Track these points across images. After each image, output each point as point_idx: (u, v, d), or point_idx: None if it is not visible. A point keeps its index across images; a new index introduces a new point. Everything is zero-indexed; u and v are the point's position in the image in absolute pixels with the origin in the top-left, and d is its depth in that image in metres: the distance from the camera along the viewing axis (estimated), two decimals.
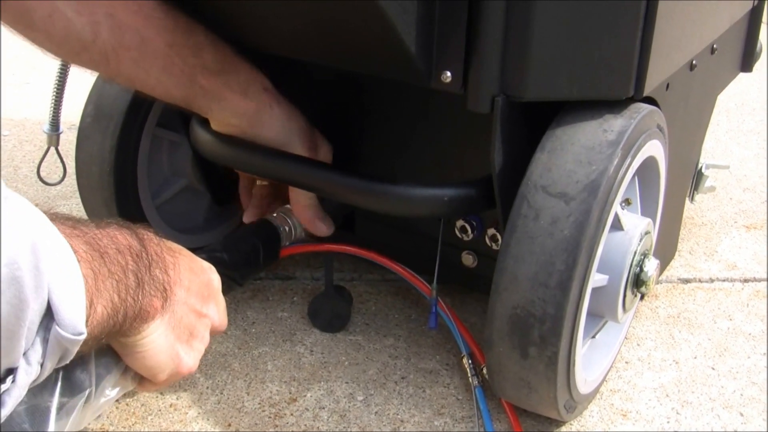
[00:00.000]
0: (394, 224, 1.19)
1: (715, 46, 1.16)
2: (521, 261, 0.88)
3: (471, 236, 1.10)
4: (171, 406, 1.03)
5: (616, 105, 0.93)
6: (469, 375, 1.05)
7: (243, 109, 1.01)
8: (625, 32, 0.89)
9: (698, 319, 1.23)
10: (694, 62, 1.10)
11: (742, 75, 1.37)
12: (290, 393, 1.06)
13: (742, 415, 1.04)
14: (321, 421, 1.02)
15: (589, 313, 0.94)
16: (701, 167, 1.33)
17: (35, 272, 0.57)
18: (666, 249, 1.29)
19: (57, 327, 0.59)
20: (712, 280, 1.33)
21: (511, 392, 0.96)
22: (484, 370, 1.04)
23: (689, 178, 1.31)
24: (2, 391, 0.59)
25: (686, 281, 1.32)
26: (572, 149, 0.90)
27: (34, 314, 0.58)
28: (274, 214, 1.11)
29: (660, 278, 1.30)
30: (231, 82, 1.00)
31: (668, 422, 1.03)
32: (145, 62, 0.95)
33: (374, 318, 1.20)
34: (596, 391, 1.05)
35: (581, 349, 0.95)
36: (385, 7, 0.82)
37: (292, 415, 1.02)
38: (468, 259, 1.13)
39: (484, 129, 0.92)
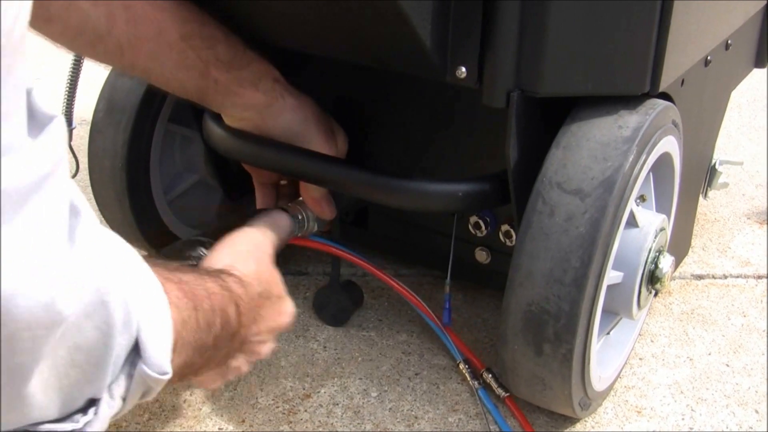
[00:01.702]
0: (407, 220, 1.18)
1: (729, 41, 1.16)
2: (536, 258, 0.87)
3: (484, 232, 1.10)
4: (185, 402, 1.03)
5: (631, 101, 0.93)
6: (469, 379, 1.05)
7: (255, 101, 1.01)
8: (640, 28, 0.88)
9: (712, 315, 1.22)
10: (708, 58, 1.09)
11: (753, 70, 1.36)
12: (304, 389, 1.06)
13: (757, 412, 1.04)
14: (335, 417, 1.01)
15: (604, 310, 0.93)
16: (715, 163, 1.32)
17: (125, 305, 0.57)
18: (679, 245, 1.29)
19: (143, 365, 0.59)
20: (725, 277, 1.32)
21: (526, 389, 0.96)
22: (484, 374, 1.04)
23: (703, 174, 1.31)
24: (83, 423, 0.58)
25: (700, 277, 1.32)
26: (587, 145, 0.89)
27: (120, 347, 0.57)
28: (289, 204, 1.10)
29: (673, 274, 1.30)
30: (243, 75, 1.00)
31: (683, 419, 1.03)
32: (160, 54, 0.95)
33: (387, 314, 1.20)
34: (610, 387, 1.05)
35: (596, 345, 0.95)
36: (402, 2, 0.82)
37: (305, 411, 1.02)
38: (481, 255, 1.13)
39: (499, 124, 0.92)
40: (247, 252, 0.89)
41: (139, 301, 0.59)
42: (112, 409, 0.60)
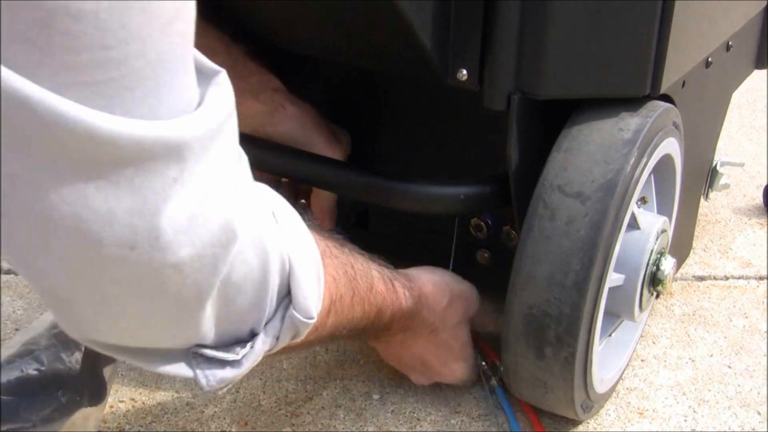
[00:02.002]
0: (409, 221, 1.18)
1: (730, 43, 1.16)
2: (537, 261, 0.87)
3: (485, 234, 1.10)
4: (187, 404, 1.03)
5: (632, 103, 0.93)
6: (484, 380, 1.05)
7: (255, 111, 1.02)
8: (641, 30, 0.88)
9: (714, 316, 1.22)
10: (709, 59, 1.09)
11: (754, 71, 1.36)
12: (306, 391, 1.06)
13: (759, 413, 1.04)
14: (338, 420, 1.02)
15: (605, 312, 0.93)
16: (716, 164, 1.32)
17: (279, 243, 0.64)
18: (681, 247, 1.29)
19: (293, 308, 0.66)
20: (727, 278, 1.32)
21: (528, 392, 0.96)
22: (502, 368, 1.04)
23: (704, 175, 1.31)
24: (242, 356, 0.65)
25: (701, 279, 1.32)
26: (588, 148, 0.89)
27: (274, 288, 0.64)
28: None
29: (675, 276, 1.30)
30: (243, 86, 1.00)
31: (685, 421, 1.03)
32: None
33: None
34: (612, 389, 1.05)
35: (598, 348, 0.95)
36: (402, 4, 0.82)
37: (308, 413, 1.02)
38: (483, 257, 1.13)
39: (499, 127, 0.92)
40: (447, 286, 1.00)
41: (294, 246, 0.66)
42: (266, 346, 0.67)
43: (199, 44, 0.95)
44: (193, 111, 0.53)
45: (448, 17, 0.87)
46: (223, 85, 0.56)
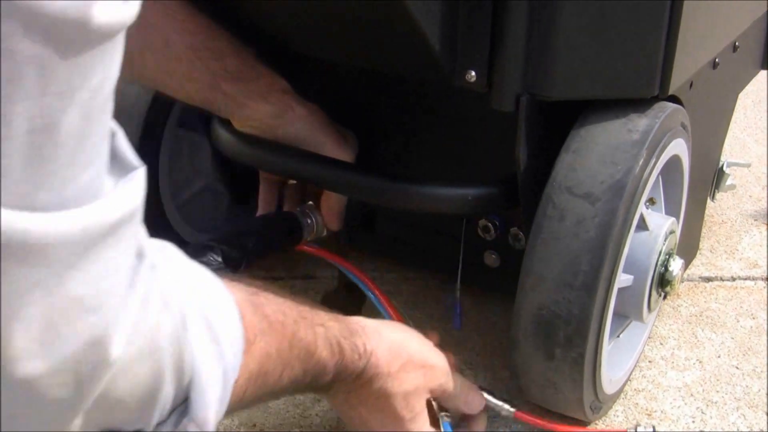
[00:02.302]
0: (416, 223, 1.18)
1: (737, 43, 1.16)
2: (546, 262, 0.87)
3: (493, 235, 1.10)
4: None
5: (640, 104, 0.93)
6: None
7: (264, 112, 1.02)
8: (650, 31, 0.89)
9: (721, 317, 1.22)
10: (717, 60, 1.09)
11: (761, 71, 1.36)
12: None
13: (767, 414, 1.04)
14: None
15: (614, 314, 0.93)
16: (722, 165, 1.32)
17: (179, 352, 0.57)
18: (688, 248, 1.29)
19: (188, 421, 0.60)
20: (733, 279, 1.32)
21: (537, 393, 0.96)
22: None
23: (711, 176, 1.31)
24: None
25: (708, 280, 1.32)
26: (597, 149, 0.89)
27: (167, 398, 0.58)
28: (298, 208, 1.11)
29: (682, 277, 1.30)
30: (252, 87, 1.00)
31: (693, 422, 1.03)
32: (169, 65, 0.96)
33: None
34: (621, 390, 1.05)
35: (606, 349, 0.95)
36: (410, 5, 0.82)
37: (317, 415, 1.02)
38: (490, 259, 1.13)
39: (508, 128, 0.92)
40: (402, 347, 0.86)
41: (200, 351, 0.59)
42: None
43: (209, 47, 0.96)
44: (84, 205, 0.45)
45: (456, 19, 0.87)
46: (135, 182, 0.49)
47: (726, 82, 1.19)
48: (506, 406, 0.95)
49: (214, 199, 1.26)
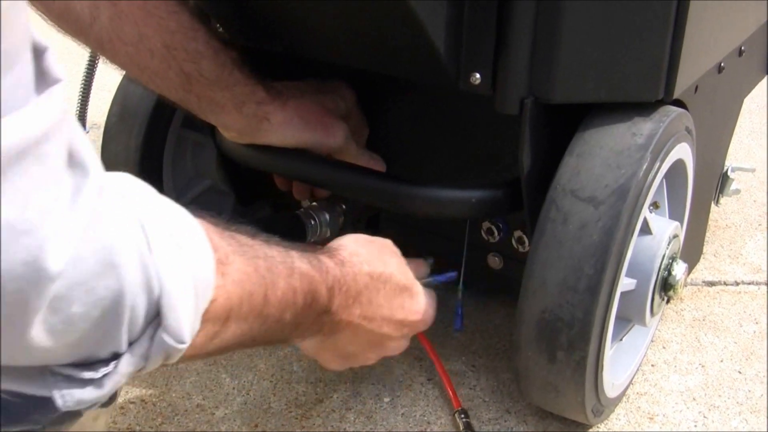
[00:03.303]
0: (420, 226, 1.18)
1: (743, 48, 1.16)
2: (550, 265, 0.87)
3: (497, 238, 1.10)
4: (198, 406, 1.04)
5: (645, 108, 0.93)
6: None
7: (238, 123, 1.00)
8: (655, 35, 0.88)
9: (724, 322, 1.22)
10: (722, 65, 1.09)
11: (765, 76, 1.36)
12: (316, 394, 1.06)
13: None
14: (347, 423, 1.02)
15: (616, 317, 0.93)
16: (727, 170, 1.32)
17: (143, 268, 0.57)
18: (691, 252, 1.29)
19: (162, 332, 0.60)
20: (737, 283, 1.32)
21: (539, 396, 0.96)
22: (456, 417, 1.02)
23: (715, 180, 1.31)
24: (102, 374, 0.59)
25: (711, 284, 1.32)
26: (601, 153, 0.89)
27: (138, 309, 0.58)
28: (302, 209, 1.11)
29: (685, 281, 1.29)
30: (226, 95, 0.97)
31: (695, 426, 1.03)
32: (141, 59, 0.93)
33: None
34: (623, 394, 1.05)
35: (609, 352, 0.95)
36: (415, 8, 0.82)
37: (318, 416, 1.02)
38: (494, 261, 1.13)
39: (512, 131, 0.92)
40: (371, 240, 0.89)
41: (168, 265, 0.59)
42: (132, 367, 0.61)
43: (186, 48, 0.94)
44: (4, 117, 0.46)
45: (461, 21, 0.87)
46: (53, 95, 0.49)
47: (731, 86, 1.19)
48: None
49: (218, 200, 1.26)
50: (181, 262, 0.60)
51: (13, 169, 0.46)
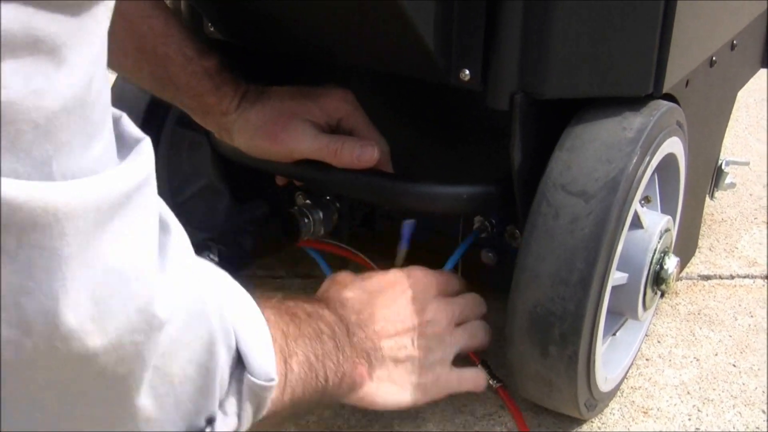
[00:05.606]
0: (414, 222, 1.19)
1: (735, 42, 1.16)
2: (541, 259, 0.88)
3: (490, 234, 1.10)
4: None
5: (635, 102, 0.93)
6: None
7: (209, 128, 1.03)
8: (644, 29, 0.89)
9: (719, 316, 1.22)
10: (714, 58, 1.09)
11: (762, 70, 1.36)
12: None
13: (764, 412, 1.04)
14: (341, 419, 1.02)
15: (609, 311, 0.94)
16: (721, 164, 1.32)
17: (221, 315, 0.58)
18: (686, 246, 1.29)
19: (249, 375, 0.61)
20: (732, 277, 1.32)
21: (532, 391, 0.96)
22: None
23: (709, 174, 1.31)
24: None
25: (706, 278, 1.32)
26: (592, 147, 0.89)
27: (223, 359, 0.59)
28: (296, 207, 1.11)
29: (680, 275, 1.30)
30: (194, 103, 0.98)
31: (690, 420, 1.03)
32: (117, 58, 0.93)
33: None
34: (617, 388, 1.05)
35: (602, 347, 0.95)
36: (404, 5, 0.82)
37: (313, 413, 1.03)
38: (487, 257, 1.13)
39: (503, 126, 0.92)
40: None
41: (235, 312, 0.61)
42: (228, 427, 0.61)
43: (158, 53, 0.94)
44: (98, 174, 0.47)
45: (451, 17, 0.87)
46: (141, 152, 0.51)
47: (724, 80, 1.19)
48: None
49: (214, 198, 1.27)
50: (246, 309, 0.64)
51: (116, 217, 0.48)
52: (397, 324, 0.89)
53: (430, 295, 0.94)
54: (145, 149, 0.51)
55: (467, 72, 0.89)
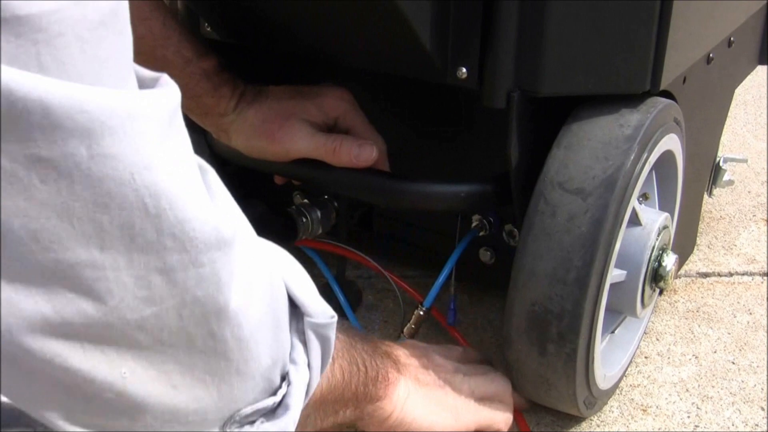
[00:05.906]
0: (411, 221, 1.19)
1: (732, 38, 1.16)
2: (539, 258, 0.88)
3: (488, 232, 1.10)
4: None
5: (632, 99, 0.93)
6: None
7: (208, 129, 1.03)
8: (640, 25, 0.89)
9: (718, 313, 1.22)
10: (711, 55, 1.09)
11: (759, 67, 1.36)
12: None
13: (763, 409, 1.04)
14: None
15: (607, 309, 0.94)
16: (719, 161, 1.32)
17: (269, 255, 0.62)
18: (685, 243, 1.29)
19: (309, 318, 0.63)
20: (731, 274, 1.32)
21: (531, 389, 0.96)
22: None
23: (707, 172, 1.31)
24: (281, 396, 0.60)
25: (705, 275, 1.32)
26: (589, 145, 0.89)
27: (283, 296, 0.61)
28: (293, 206, 1.11)
29: (679, 273, 1.30)
30: (192, 104, 0.98)
31: (689, 417, 1.03)
32: None
33: (393, 315, 1.20)
34: (616, 386, 1.05)
35: (600, 345, 0.95)
36: (401, 4, 0.82)
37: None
38: (485, 255, 1.13)
39: (500, 125, 0.92)
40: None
41: (283, 264, 0.64)
42: (303, 378, 0.62)
43: (155, 55, 0.94)
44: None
45: (447, 16, 0.87)
46: (170, 84, 0.54)
47: (721, 77, 1.19)
48: None
49: None
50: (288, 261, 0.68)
51: (170, 135, 0.51)
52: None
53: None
54: (169, 80, 0.53)
55: (464, 71, 0.89)
